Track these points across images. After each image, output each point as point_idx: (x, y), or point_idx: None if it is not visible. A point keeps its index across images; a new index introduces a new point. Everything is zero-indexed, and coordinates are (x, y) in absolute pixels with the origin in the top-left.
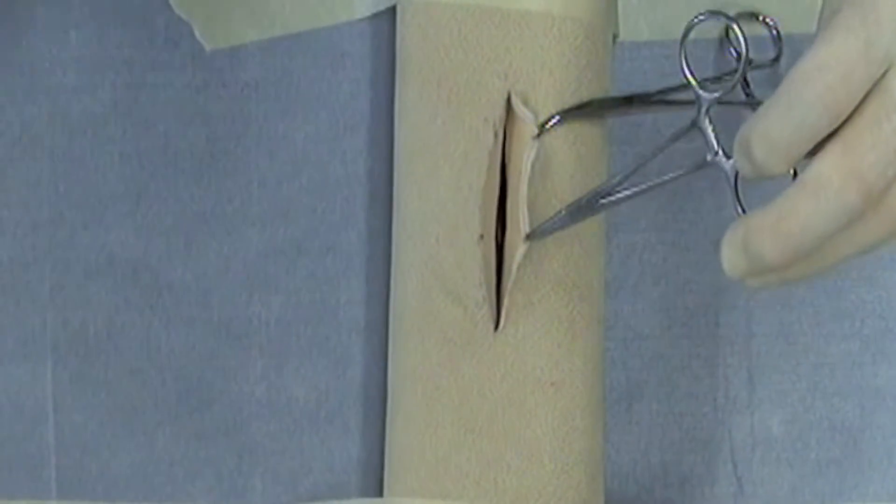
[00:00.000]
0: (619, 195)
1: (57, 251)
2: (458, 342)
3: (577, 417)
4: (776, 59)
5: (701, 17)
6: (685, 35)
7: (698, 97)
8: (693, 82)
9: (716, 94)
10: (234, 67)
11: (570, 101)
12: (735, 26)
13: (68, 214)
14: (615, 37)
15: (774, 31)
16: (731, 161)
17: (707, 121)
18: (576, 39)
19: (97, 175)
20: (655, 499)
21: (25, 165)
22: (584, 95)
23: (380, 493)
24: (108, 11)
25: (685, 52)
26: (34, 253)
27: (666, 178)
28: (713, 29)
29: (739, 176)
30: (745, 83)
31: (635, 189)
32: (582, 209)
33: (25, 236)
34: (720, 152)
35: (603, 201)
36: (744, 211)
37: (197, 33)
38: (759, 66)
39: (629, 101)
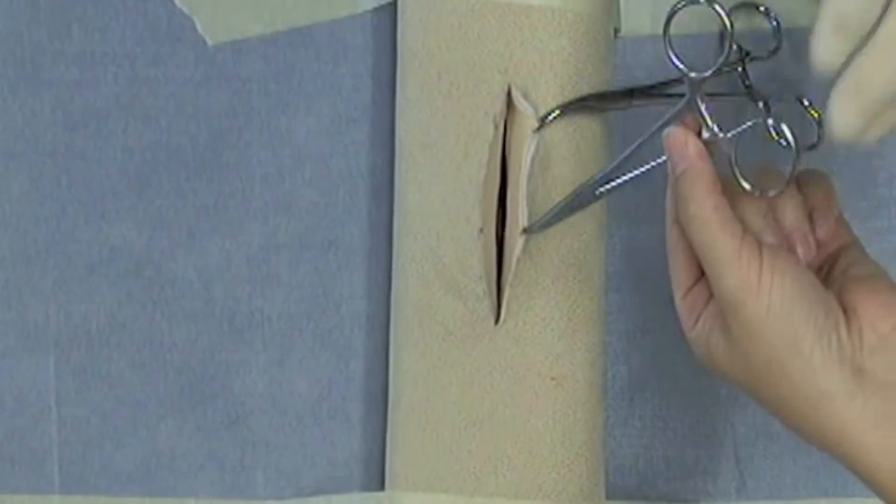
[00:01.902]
0: (618, 181)
1: (59, 245)
2: (459, 336)
3: (578, 411)
4: (775, 51)
5: (682, 4)
6: (668, 20)
7: (687, 77)
8: (679, 64)
9: (705, 74)
10: (237, 62)
11: (571, 94)
12: (721, 12)
13: (71, 208)
14: (616, 31)
15: (774, 23)
16: (728, 135)
17: (699, 99)
18: (576, 33)
19: (99, 169)
20: (658, 492)
21: (28, 159)
22: (585, 89)
23: (382, 487)
24: (110, 5)
25: (669, 38)
26: (37, 247)
27: (663, 158)
28: (713, 23)
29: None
30: (745, 75)
31: (633, 173)
32: (581, 198)
33: (28, 230)
34: (715, 128)
35: (601, 189)
36: (744, 186)
37: (199, 28)
38: (758, 58)
39: (630, 95)
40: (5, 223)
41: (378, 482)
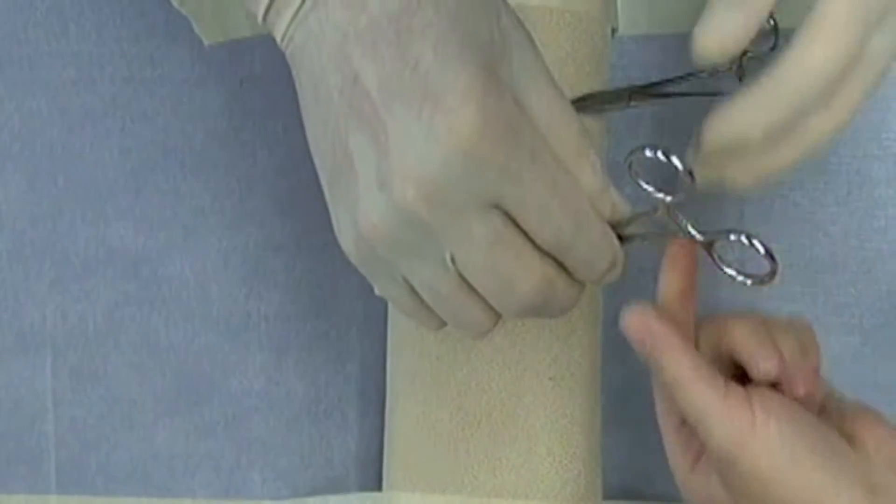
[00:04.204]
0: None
1: (56, 245)
2: (457, 336)
3: (576, 411)
4: (773, 49)
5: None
6: (631, 157)
7: (661, 202)
8: (650, 189)
9: (680, 198)
10: (233, 62)
11: (569, 94)
12: (674, 161)
13: (67, 208)
14: (614, 30)
15: (771, 21)
16: (705, 238)
17: (675, 218)
18: (574, 32)
19: (96, 169)
20: (654, 492)
21: (25, 159)
22: (583, 89)
23: (379, 487)
24: (107, 6)
25: (634, 170)
26: (33, 247)
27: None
28: None
29: None
30: (742, 73)
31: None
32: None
33: (24, 230)
34: (695, 234)
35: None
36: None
37: (195, 28)
38: (755, 57)
39: (628, 95)
40: (2, 223)
41: (375, 482)
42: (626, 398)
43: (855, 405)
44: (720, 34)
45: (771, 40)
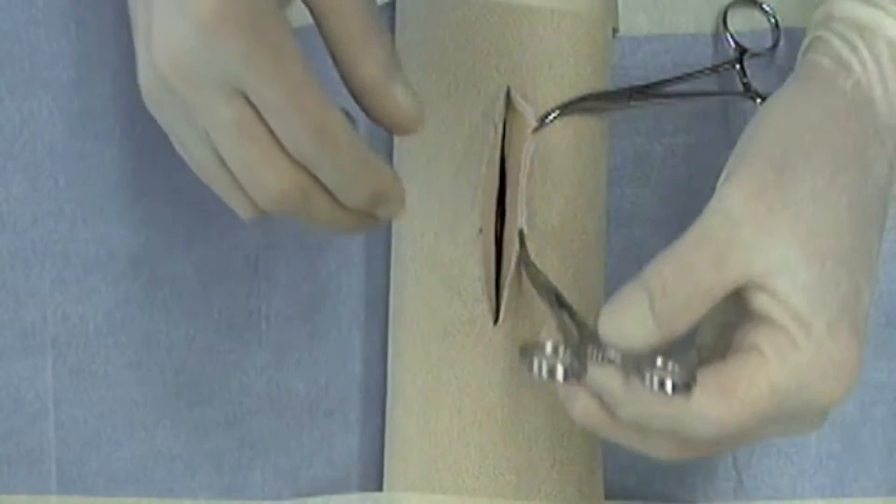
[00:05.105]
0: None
1: (57, 245)
2: (458, 336)
3: None
4: (773, 47)
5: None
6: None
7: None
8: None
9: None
10: None
11: (570, 95)
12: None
13: (68, 208)
14: (615, 31)
15: (772, 19)
16: None
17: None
18: (575, 33)
19: (97, 169)
20: (655, 492)
21: (25, 160)
22: (584, 89)
23: (380, 487)
24: (107, 6)
25: None
26: (34, 247)
27: None
28: (708, 23)
29: None
30: (743, 72)
31: None
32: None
33: (25, 230)
34: None
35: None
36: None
37: None
38: (757, 55)
39: (628, 95)
40: (3, 223)
41: (376, 482)
42: None
43: None
44: (623, 332)
45: (771, 38)
